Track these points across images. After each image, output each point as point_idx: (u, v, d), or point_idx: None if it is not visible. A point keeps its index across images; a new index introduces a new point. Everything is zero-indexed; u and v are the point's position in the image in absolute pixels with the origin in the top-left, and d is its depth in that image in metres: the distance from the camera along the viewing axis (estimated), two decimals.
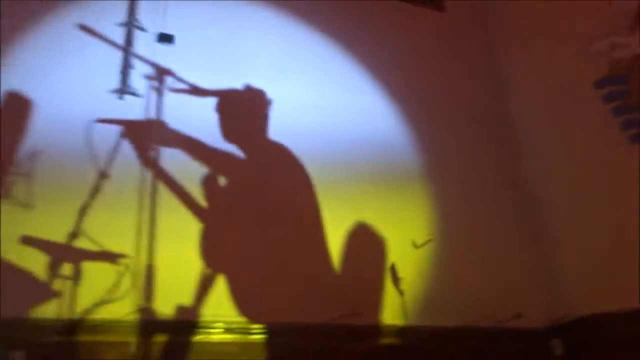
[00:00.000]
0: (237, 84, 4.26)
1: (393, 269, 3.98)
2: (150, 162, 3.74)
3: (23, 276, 3.31)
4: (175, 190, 3.76)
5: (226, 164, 4.04)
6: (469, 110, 4.97)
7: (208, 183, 3.86)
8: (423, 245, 4.11)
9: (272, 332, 3.58)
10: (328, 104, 4.51)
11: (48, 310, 3.26)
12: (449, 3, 5.51)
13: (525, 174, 4.74)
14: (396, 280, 3.93)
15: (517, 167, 4.81)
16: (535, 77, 4.80)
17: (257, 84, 4.29)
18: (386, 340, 3.81)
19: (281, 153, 4.16)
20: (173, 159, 3.86)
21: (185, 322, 3.48)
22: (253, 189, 4.04)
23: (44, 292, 3.30)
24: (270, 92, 4.30)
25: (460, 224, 4.41)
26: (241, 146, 4.10)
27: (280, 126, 4.24)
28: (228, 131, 4.08)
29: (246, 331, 3.55)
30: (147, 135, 3.73)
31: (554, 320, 4.14)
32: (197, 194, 3.84)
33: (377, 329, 3.83)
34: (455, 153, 4.71)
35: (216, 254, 3.74)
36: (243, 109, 4.22)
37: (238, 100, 4.24)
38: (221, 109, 4.13)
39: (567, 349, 3.98)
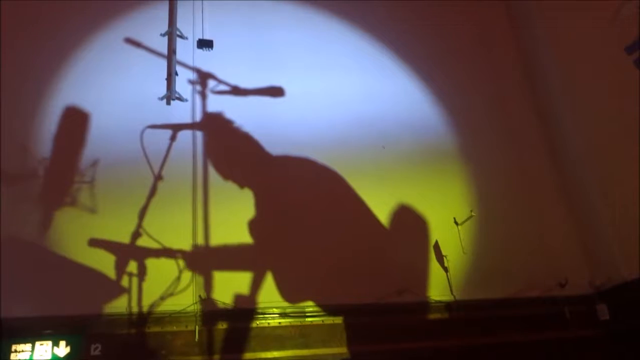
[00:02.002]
0: (277, 81, 4.37)
1: (437, 246, 4.07)
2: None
3: (94, 276, 3.55)
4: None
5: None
6: (500, 89, 4.94)
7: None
8: (465, 222, 4.16)
9: (326, 314, 3.73)
10: (365, 93, 4.60)
11: (118, 305, 3.51)
12: None
13: (561, 146, 4.67)
14: (440, 257, 4.01)
15: (553, 141, 4.75)
16: (564, 46, 4.68)
17: (296, 80, 4.41)
18: (435, 316, 3.90)
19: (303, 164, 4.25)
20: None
21: (244, 310, 3.65)
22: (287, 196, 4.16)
23: (114, 289, 3.55)
24: (309, 87, 4.43)
25: (500, 200, 4.42)
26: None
27: (320, 116, 4.36)
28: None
29: (301, 314, 3.71)
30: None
31: (598, 286, 4.13)
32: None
33: (425, 305, 3.90)
34: (490, 131, 4.71)
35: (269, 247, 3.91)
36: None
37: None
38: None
39: (613, 314, 3.98)
